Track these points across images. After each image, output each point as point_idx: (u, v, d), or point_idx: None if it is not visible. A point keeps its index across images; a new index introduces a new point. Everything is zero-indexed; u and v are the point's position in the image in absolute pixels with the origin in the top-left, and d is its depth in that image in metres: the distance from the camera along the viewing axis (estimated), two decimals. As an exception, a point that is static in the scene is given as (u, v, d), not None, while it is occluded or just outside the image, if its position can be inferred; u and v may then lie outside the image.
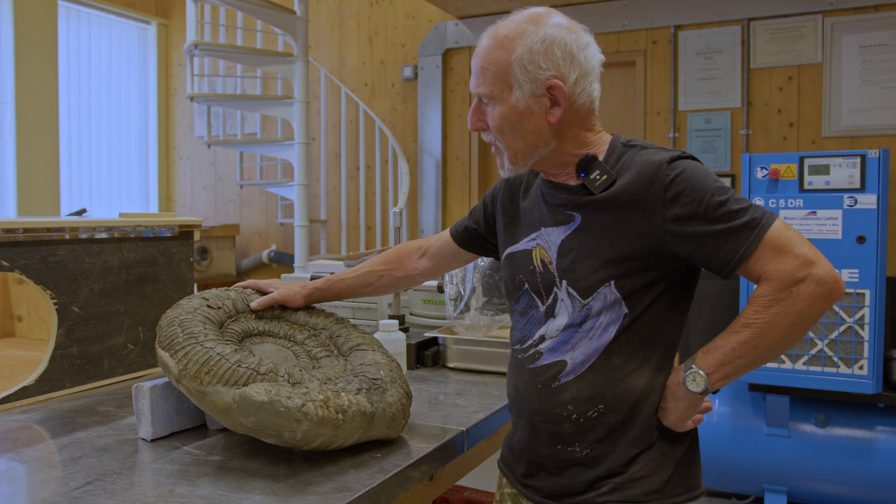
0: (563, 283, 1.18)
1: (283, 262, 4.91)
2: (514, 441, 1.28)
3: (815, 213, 2.86)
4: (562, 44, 1.16)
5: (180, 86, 5.46)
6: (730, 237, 1.08)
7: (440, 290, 2.20)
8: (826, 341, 2.85)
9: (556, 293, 1.20)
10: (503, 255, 1.32)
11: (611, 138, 1.23)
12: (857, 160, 2.80)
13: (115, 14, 5.15)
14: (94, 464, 1.15)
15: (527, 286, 1.24)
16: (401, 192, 4.19)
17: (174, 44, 5.50)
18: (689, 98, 3.82)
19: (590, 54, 1.19)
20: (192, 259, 1.89)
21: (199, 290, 1.51)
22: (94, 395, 1.60)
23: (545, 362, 1.20)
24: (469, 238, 1.45)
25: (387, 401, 1.24)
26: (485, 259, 1.87)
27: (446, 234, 1.50)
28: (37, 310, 2.18)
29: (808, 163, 2.88)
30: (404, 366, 1.75)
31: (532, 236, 1.25)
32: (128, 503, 1.00)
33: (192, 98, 4.26)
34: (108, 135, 5.18)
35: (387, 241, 4.63)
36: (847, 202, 2.81)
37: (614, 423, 1.16)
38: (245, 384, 1.12)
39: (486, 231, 1.42)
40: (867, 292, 2.78)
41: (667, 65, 3.87)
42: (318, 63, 4.76)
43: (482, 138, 1.27)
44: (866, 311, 2.78)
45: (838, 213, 2.82)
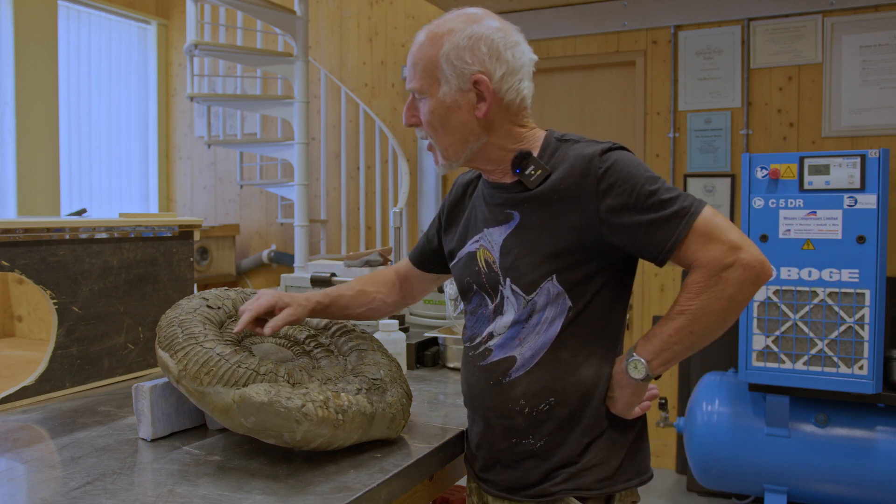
0: (507, 280, 1.22)
1: (283, 262, 4.91)
2: (471, 436, 1.31)
3: (815, 213, 2.86)
4: (488, 41, 1.19)
5: (180, 86, 5.46)
6: (661, 226, 1.12)
7: (440, 290, 2.20)
8: (826, 341, 2.85)
9: (501, 291, 1.23)
10: (452, 260, 1.35)
11: (545, 134, 1.27)
12: (857, 160, 2.80)
13: (115, 14, 5.15)
14: (94, 464, 1.15)
15: (475, 287, 1.28)
16: (401, 192, 4.19)
17: (174, 44, 5.50)
18: (689, 98, 3.82)
19: (518, 53, 1.21)
20: (192, 259, 1.89)
21: (199, 290, 1.51)
22: (94, 395, 1.60)
23: (495, 359, 1.23)
24: (429, 261, 1.48)
25: (387, 401, 1.24)
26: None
27: (407, 259, 1.54)
28: (37, 310, 2.18)
29: (808, 163, 2.88)
30: (404, 366, 1.75)
31: (476, 238, 1.29)
32: (128, 503, 1.00)
33: (192, 98, 4.26)
34: (108, 135, 5.18)
35: (387, 241, 4.63)
36: (847, 202, 2.81)
37: (565, 415, 1.19)
38: (245, 385, 1.12)
39: (441, 251, 1.44)
40: (867, 292, 2.78)
41: (667, 65, 3.87)
42: (318, 63, 4.76)
43: (417, 135, 1.30)
44: (866, 311, 2.78)
45: (838, 213, 2.82)
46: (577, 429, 1.20)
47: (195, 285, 1.77)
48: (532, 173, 1.20)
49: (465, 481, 1.39)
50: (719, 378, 3.23)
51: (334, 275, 2.35)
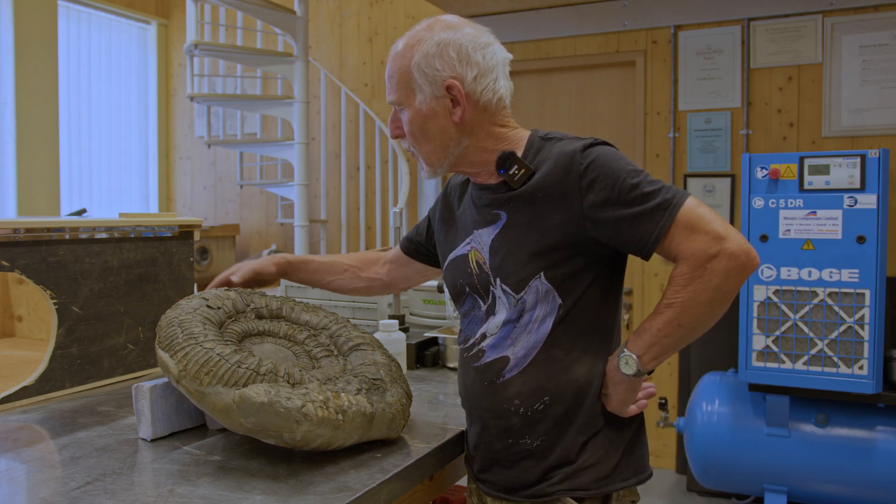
0: (497, 280, 1.22)
1: (283, 262, 4.90)
2: (469, 437, 1.31)
3: (815, 213, 2.86)
4: (456, 45, 1.20)
5: (180, 86, 5.46)
6: (644, 219, 1.12)
7: (440, 290, 2.20)
8: (826, 341, 2.85)
9: (493, 292, 1.24)
10: (444, 263, 1.37)
11: (529, 133, 1.27)
12: (857, 160, 2.80)
13: (115, 14, 5.15)
14: (94, 464, 1.15)
15: (467, 289, 1.29)
16: (401, 192, 4.19)
17: (174, 44, 5.50)
18: (689, 98, 3.82)
19: (489, 53, 1.22)
20: (192, 259, 1.89)
21: (199, 290, 1.52)
22: (94, 395, 1.60)
23: (488, 359, 1.23)
24: (415, 249, 1.53)
25: (387, 401, 1.24)
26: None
27: (398, 247, 1.59)
28: (37, 310, 2.18)
29: (808, 163, 2.88)
30: (404, 366, 1.76)
31: (467, 240, 1.30)
32: (128, 503, 1.00)
33: (192, 98, 4.26)
34: (108, 135, 5.18)
35: (387, 241, 4.63)
36: (847, 202, 2.81)
37: (560, 414, 1.20)
38: (245, 385, 1.12)
39: (427, 242, 1.50)
40: (867, 292, 2.78)
41: (667, 65, 3.87)
42: (318, 63, 4.76)
43: (402, 146, 1.33)
44: (866, 311, 2.78)
45: (838, 213, 2.82)
46: (572, 427, 1.20)
47: (195, 285, 1.77)
48: (516, 173, 1.21)
49: (466, 481, 1.39)
50: (719, 378, 3.23)
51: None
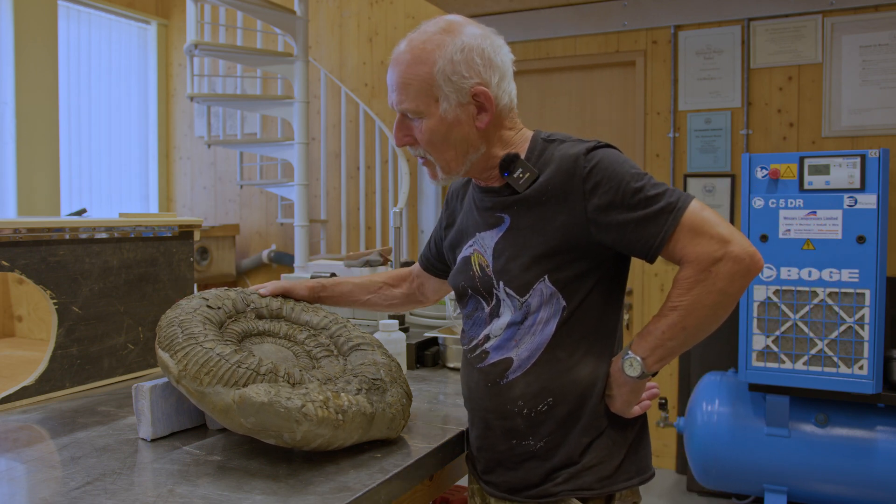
0: (500, 283, 1.22)
1: (283, 262, 4.91)
2: (472, 438, 1.31)
3: (815, 213, 2.86)
4: (479, 50, 1.18)
5: (180, 86, 5.46)
6: (648, 223, 1.12)
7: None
8: (826, 341, 2.85)
9: (496, 294, 1.23)
10: (456, 261, 1.36)
11: (532, 135, 1.27)
12: (857, 160, 2.80)
13: (115, 14, 5.15)
14: (94, 464, 1.15)
15: (470, 291, 1.28)
16: (401, 192, 4.19)
17: (174, 44, 5.50)
18: (689, 98, 3.82)
19: (504, 56, 1.22)
20: (192, 259, 1.89)
21: (199, 290, 1.51)
22: (94, 395, 1.60)
23: (492, 360, 1.23)
24: (431, 265, 1.52)
25: (387, 401, 1.24)
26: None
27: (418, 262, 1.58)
28: (37, 310, 2.18)
29: (808, 163, 2.88)
30: (404, 366, 1.76)
31: (470, 243, 1.29)
32: (128, 503, 1.00)
33: (192, 98, 4.26)
34: (108, 135, 5.18)
35: (387, 241, 4.63)
36: (847, 202, 2.81)
37: (564, 415, 1.20)
38: (245, 385, 1.12)
39: (438, 258, 1.49)
40: (867, 292, 2.78)
41: (667, 65, 3.87)
42: (318, 63, 4.76)
43: (409, 153, 1.29)
44: (866, 311, 2.78)
45: (838, 213, 2.82)
46: (576, 428, 1.20)
47: (195, 285, 1.77)
48: (521, 176, 1.21)
49: (467, 481, 1.39)
50: (719, 378, 3.23)
51: (334, 275, 2.35)
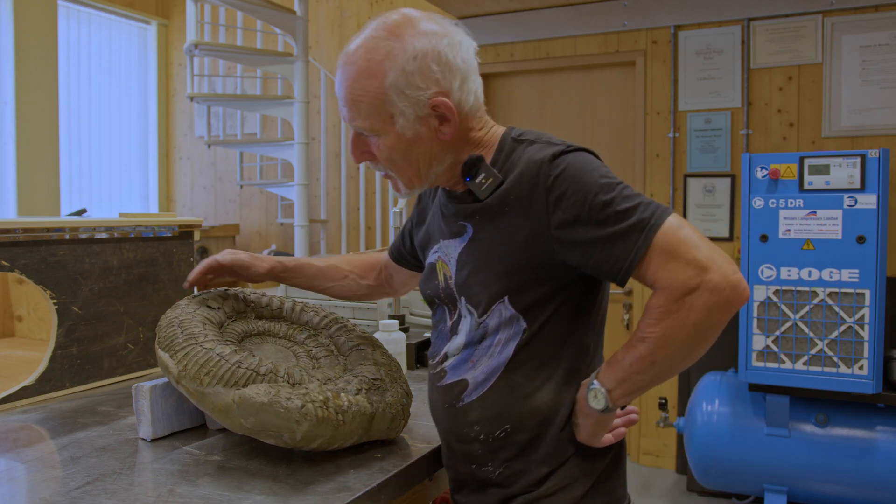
0: (462, 299, 1.12)
1: (283, 262, 4.90)
2: (441, 455, 1.23)
3: (815, 213, 2.86)
4: (435, 55, 1.03)
5: (180, 86, 5.46)
6: (617, 242, 0.98)
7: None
8: (826, 341, 2.85)
9: (458, 309, 1.14)
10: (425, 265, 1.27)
11: (502, 133, 1.14)
12: (857, 160, 2.80)
13: (115, 14, 5.15)
14: (94, 464, 1.15)
15: (436, 300, 1.20)
16: (401, 192, 4.18)
17: (174, 44, 5.50)
18: (689, 98, 3.82)
19: (465, 52, 1.07)
20: (192, 259, 1.89)
21: (199, 290, 1.51)
22: (94, 395, 1.60)
23: (449, 381, 1.15)
24: (402, 257, 1.42)
25: (387, 401, 1.24)
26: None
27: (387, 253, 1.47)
28: (37, 310, 2.18)
29: (808, 163, 2.88)
30: (404, 366, 1.75)
31: (435, 248, 1.20)
32: (128, 503, 1.00)
33: (192, 98, 4.26)
34: (108, 135, 5.18)
35: (387, 240, 4.63)
36: (847, 202, 2.81)
37: (523, 442, 1.10)
38: (245, 385, 1.12)
39: (411, 251, 1.38)
40: (867, 292, 2.78)
41: (667, 65, 3.87)
42: (318, 63, 4.76)
43: (370, 168, 1.19)
44: (866, 311, 2.78)
45: (838, 213, 2.82)
46: (535, 456, 1.10)
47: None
48: (483, 182, 1.08)
49: None
50: (719, 378, 3.23)
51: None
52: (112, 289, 1.70)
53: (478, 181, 1.09)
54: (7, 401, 1.49)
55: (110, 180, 5.21)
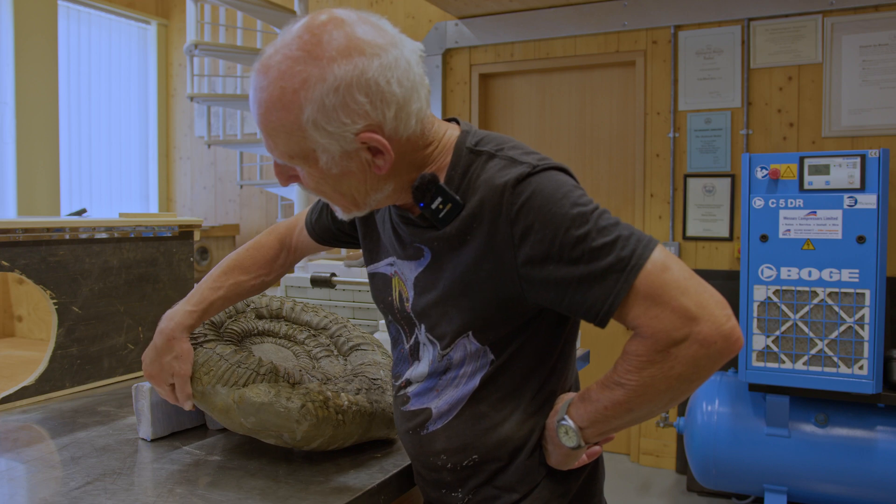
0: (422, 326, 1.02)
1: (283, 262, 4.90)
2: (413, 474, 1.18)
3: (815, 213, 2.86)
4: (362, 83, 0.86)
5: (180, 86, 5.46)
6: (593, 284, 0.87)
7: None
8: (826, 341, 2.85)
9: (417, 334, 1.04)
10: (367, 270, 1.15)
11: (455, 140, 0.97)
12: (857, 160, 2.80)
13: (115, 14, 5.15)
14: (94, 464, 1.15)
15: (390, 317, 1.10)
16: (401, 192, 4.18)
17: (174, 44, 5.50)
18: (689, 98, 3.82)
19: (402, 74, 0.88)
20: (192, 259, 1.89)
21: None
22: (94, 395, 1.60)
23: (412, 408, 1.06)
24: (330, 235, 1.24)
25: (387, 401, 1.24)
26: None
27: (303, 228, 1.27)
28: (37, 310, 2.18)
29: (808, 163, 2.88)
30: (404, 366, 1.75)
31: (389, 261, 1.07)
32: (128, 503, 1.00)
33: (192, 98, 4.26)
34: (108, 135, 5.18)
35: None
36: (847, 202, 2.81)
37: (494, 470, 1.02)
38: (245, 385, 1.12)
39: (348, 227, 1.20)
40: (867, 292, 2.78)
41: (667, 65, 3.87)
42: (318, 63, 4.76)
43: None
44: (866, 311, 2.78)
45: (838, 213, 2.82)
46: (505, 482, 1.02)
47: (195, 285, 1.77)
48: (440, 208, 0.93)
49: None
50: (719, 378, 3.23)
51: (334, 275, 2.34)
52: (112, 289, 1.70)
53: (434, 207, 0.94)
54: (7, 401, 1.49)
55: (110, 180, 5.21)
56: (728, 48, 3.73)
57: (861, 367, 2.79)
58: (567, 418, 0.97)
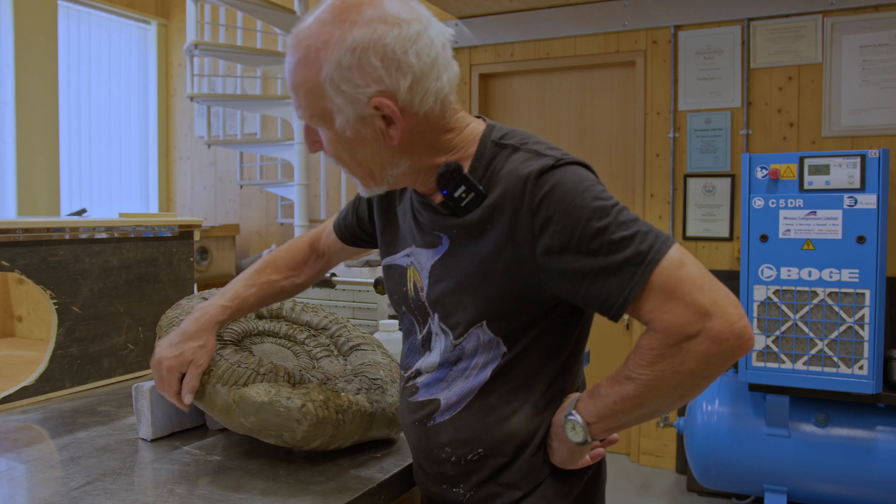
0: (435, 316, 1.03)
1: (283, 262, 4.90)
2: (413, 470, 1.18)
3: (815, 213, 2.86)
4: (379, 48, 0.89)
5: (180, 86, 5.46)
6: (609, 276, 0.88)
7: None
8: (826, 341, 2.85)
9: (430, 324, 1.05)
10: (382, 264, 1.16)
11: (481, 132, 1.00)
12: (857, 160, 2.80)
13: (115, 14, 5.15)
14: (94, 464, 1.15)
15: (404, 308, 1.11)
16: (401, 192, 4.18)
17: (174, 44, 5.50)
18: (689, 98, 3.82)
19: (423, 48, 0.91)
20: (192, 259, 1.89)
21: (199, 290, 1.51)
22: (94, 395, 1.60)
23: (420, 399, 1.07)
24: (354, 235, 1.27)
25: (387, 401, 1.24)
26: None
27: (331, 229, 1.31)
28: (37, 310, 2.18)
29: (808, 163, 2.88)
30: (404, 366, 1.75)
31: (406, 251, 1.09)
32: (128, 503, 1.00)
33: (192, 98, 4.26)
34: (108, 135, 5.18)
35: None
36: (847, 202, 2.81)
37: (498, 466, 1.03)
38: (245, 384, 1.12)
39: (370, 227, 1.23)
40: (867, 292, 2.78)
41: (667, 65, 3.87)
42: (318, 63, 4.76)
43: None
44: (866, 311, 2.78)
45: (838, 213, 2.82)
46: (509, 480, 1.03)
47: (195, 285, 1.77)
48: (462, 196, 0.96)
49: None
50: (719, 378, 3.23)
51: (334, 275, 2.35)
52: (112, 289, 1.70)
53: (457, 195, 0.97)
54: (7, 401, 1.49)
55: (110, 180, 5.21)
56: (728, 48, 3.73)
57: (861, 367, 2.79)
58: (575, 413, 0.98)
